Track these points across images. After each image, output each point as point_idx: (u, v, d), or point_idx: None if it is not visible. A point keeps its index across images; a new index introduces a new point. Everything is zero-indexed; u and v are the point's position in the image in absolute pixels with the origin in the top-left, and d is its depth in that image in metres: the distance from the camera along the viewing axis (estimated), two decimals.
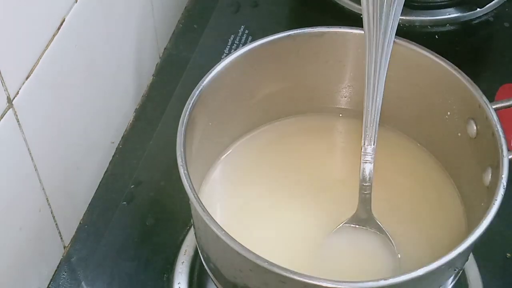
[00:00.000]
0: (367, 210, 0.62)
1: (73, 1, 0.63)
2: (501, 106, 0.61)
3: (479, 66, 0.83)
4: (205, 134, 0.64)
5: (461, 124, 0.63)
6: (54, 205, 0.67)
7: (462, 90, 0.62)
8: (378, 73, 0.61)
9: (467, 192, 0.64)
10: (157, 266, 0.70)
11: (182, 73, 0.86)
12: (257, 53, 0.64)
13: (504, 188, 0.55)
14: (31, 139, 0.60)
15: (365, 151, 0.62)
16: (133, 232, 0.73)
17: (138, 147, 0.80)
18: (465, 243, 0.53)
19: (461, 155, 0.64)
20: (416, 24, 0.89)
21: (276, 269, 0.51)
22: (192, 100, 0.60)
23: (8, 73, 0.55)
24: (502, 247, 0.72)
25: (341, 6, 0.91)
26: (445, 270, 0.56)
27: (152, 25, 0.84)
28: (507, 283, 0.70)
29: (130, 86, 0.81)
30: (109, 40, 0.73)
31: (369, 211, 0.63)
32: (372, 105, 0.62)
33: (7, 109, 0.56)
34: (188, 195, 0.54)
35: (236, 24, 0.91)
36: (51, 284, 0.69)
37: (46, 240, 0.68)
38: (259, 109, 0.68)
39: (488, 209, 0.54)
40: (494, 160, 0.57)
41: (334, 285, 0.51)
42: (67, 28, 0.62)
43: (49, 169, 0.65)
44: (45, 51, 0.60)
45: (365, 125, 0.62)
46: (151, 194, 0.76)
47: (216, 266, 0.59)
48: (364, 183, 0.62)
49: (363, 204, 0.62)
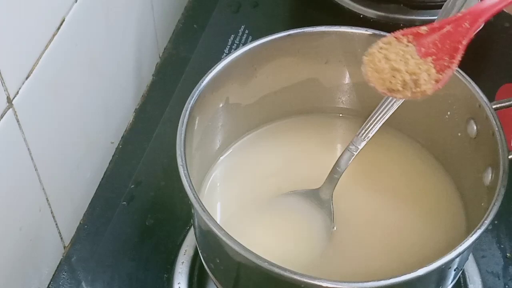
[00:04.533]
0: (329, 191, 0.63)
1: (73, 1, 0.63)
2: (501, 106, 0.61)
3: (479, 66, 0.83)
4: (205, 134, 0.64)
5: (461, 124, 0.63)
6: (54, 205, 0.67)
7: (462, 90, 0.62)
8: None
9: (467, 192, 0.64)
10: (157, 266, 0.70)
11: (182, 73, 0.86)
12: (257, 53, 0.64)
13: (504, 188, 0.55)
14: (31, 139, 0.60)
15: (355, 142, 0.63)
16: (133, 232, 0.73)
17: (138, 147, 0.80)
18: (465, 243, 0.52)
19: (461, 155, 0.64)
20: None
21: (276, 269, 0.51)
22: (192, 100, 0.60)
23: (8, 73, 0.55)
24: (502, 247, 0.72)
25: (341, 6, 0.91)
26: (445, 270, 0.56)
27: (152, 25, 0.84)
28: (507, 283, 0.70)
29: (130, 86, 0.81)
30: (109, 40, 0.73)
31: (331, 194, 0.63)
32: (387, 107, 0.62)
33: (7, 109, 0.56)
34: (188, 195, 0.54)
35: (236, 24, 0.91)
36: (51, 284, 0.69)
37: (46, 240, 0.68)
38: (259, 109, 0.68)
39: (488, 209, 0.54)
40: (494, 160, 0.57)
41: (334, 285, 0.51)
42: (67, 28, 0.62)
43: (49, 169, 0.65)
44: (45, 51, 0.60)
45: (369, 121, 0.63)
46: (151, 194, 0.76)
47: (216, 266, 0.60)
48: (338, 167, 0.63)
49: (329, 184, 0.63)
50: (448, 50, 0.48)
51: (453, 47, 0.48)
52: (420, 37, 0.48)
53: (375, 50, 0.49)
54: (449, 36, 0.48)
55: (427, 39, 0.48)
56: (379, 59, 0.48)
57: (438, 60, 0.48)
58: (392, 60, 0.48)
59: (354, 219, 0.65)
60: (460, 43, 0.48)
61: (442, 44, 0.48)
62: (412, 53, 0.48)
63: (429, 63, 0.48)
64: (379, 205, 0.65)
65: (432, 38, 0.48)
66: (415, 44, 0.48)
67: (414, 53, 0.48)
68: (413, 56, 0.48)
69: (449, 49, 0.48)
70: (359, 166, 0.65)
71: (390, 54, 0.48)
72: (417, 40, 0.48)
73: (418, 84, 0.48)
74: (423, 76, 0.48)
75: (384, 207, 0.65)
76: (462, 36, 0.48)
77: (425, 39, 0.48)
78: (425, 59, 0.48)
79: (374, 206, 0.65)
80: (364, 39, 0.64)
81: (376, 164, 0.68)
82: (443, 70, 0.48)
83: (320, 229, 0.63)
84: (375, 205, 0.65)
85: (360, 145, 0.63)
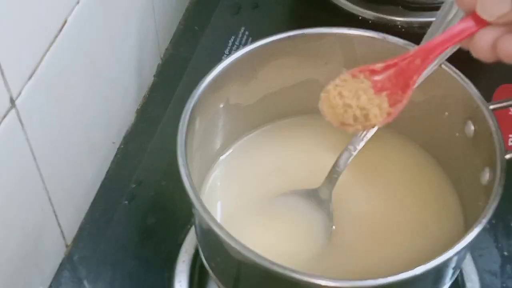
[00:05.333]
0: (329, 191, 0.63)
1: (75, 2, 0.63)
2: (498, 106, 0.61)
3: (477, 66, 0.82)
4: (206, 134, 0.64)
5: (459, 124, 0.63)
6: (56, 205, 0.67)
7: (460, 90, 0.62)
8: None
9: (465, 191, 0.64)
10: (158, 265, 0.70)
11: (183, 73, 0.86)
12: (257, 54, 0.64)
13: (501, 188, 0.55)
14: (34, 139, 0.61)
15: (354, 142, 0.63)
16: (135, 231, 0.73)
17: (139, 147, 0.80)
18: (462, 242, 0.53)
19: (459, 155, 0.64)
20: (415, 25, 0.89)
21: (276, 268, 0.51)
22: (193, 101, 0.60)
23: (11, 74, 0.55)
24: (499, 246, 0.72)
25: (340, 8, 0.91)
26: (443, 269, 0.56)
27: (153, 26, 0.84)
28: (505, 281, 0.70)
29: (131, 87, 0.81)
30: (110, 41, 0.73)
31: (330, 193, 0.63)
32: None
33: (10, 109, 0.56)
34: (189, 195, 0.55)
35: (237, 25, 0.91)
36: (53, 283, 0.69)
37: (48, 239, 0.68)
38: (259, 109, 0.69)
39: (486, 208, 0.54)
40: (491, 160, 0.58)
41: (333, 283, 0.51)
42: (69, 29, 0.62)
43: (51, 169, 0.65)
44: (47, 52, 0.60)
45: None
46: (152, 193, 0.76)
47: (216, 265, 0.60)
48: (337, 167, 0.63)
49: (328, 183, 0.63)
50: (401, 85, 0.50)
51: (405, 82, 0.50)
52: (375, 73, 0.51)
53: (331, 87, 0.51)
54: (402, 72, 0.50)
55: (382, 75, 0.51)
56: (333, 95, 0.51)
57: (392, 94, 0.51)
58: (345, 96, 0.50)
59: (353, 218, 0.65)
60: (411, 78, 0.50)
61: (396, 80, 0.51)
62: (366, 89, 0.51)
63: (383, 97, 0.50)
64: (377, 204, 0.66)
65: (387, 73, 0.51)
66: (371, 80, 0.51)
67: (368, 88, 0.51)
68: (366, 92, 0.51)
69: (402, 85, 0.50)
70: (358, 166, 0.65)
71: (344, 91, 0.51)
72: (373, 75, 0.51)
73: (368, 118, 0.51)
74: (373, 111, 0.50)
75: (383, 206, 0.65)
76: (414, 72, 0.50)
77: (381, 75, 0.51)
78: (380, 94, 0.50)
79: (373, 205, 0.65)
80: (363, 41, 0.65)
81: (375, 164, 0.68)
82: (395, 104, 0.51)
83: (319, 229, 0.63)
84: (374, 204, 0.66)
85: (358, 145, 0.63)
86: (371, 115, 0.50)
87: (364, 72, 0.51)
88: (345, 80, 0.51)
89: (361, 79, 0.51)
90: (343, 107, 0.51)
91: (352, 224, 0.65)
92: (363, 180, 0.68)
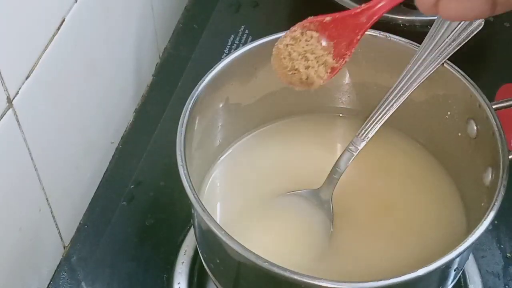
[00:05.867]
0: (329, 191, 0.63)
1: (73, 1, 0.63)
2: (501, 106, 0.61)
3: (479, 66, 0.83)
4: (205, 134, 0.64)
5: (461, 124, 0.63)
6: (54, 205, 0.67)
7: (462, 90, 0.62)
8: (410, 83, 0.62)
9: (467, 192, 0.64)
10: (157, 266, 0.70)
11: (182, 73, 0.86)
12: (257, 53, 0.64)
13: (504, 188, 0.55)
14: (31, 139, 0.60)
15: (355, 143, 0.63)
16: (133, 232, 0.73)
17: (138, 147, 0.80)
18: (465, 243, 0.52)
19: (461, 155, 0.64)
20: (416, 24, 0.89)
21: (276, 269, 0.51)
22: (192, 100, 0.60)
23: (8, 73, 0.55)
24: (502, 247, 0.72)
25: (341, 6, 0.91)
26: (445, 270, 0.56)
27: (152, 25, 0.84)
28: (507, 283, 0.70)
29: (130, 86, 0.81)
30: (109, 40, 0.73)
31: (330, 194, 0.63)
32: (387, 108, 0.62)
33: (7, 109, 0.56)
34: (188, 195, 0.54)
35: (236, 24, 0.91)
36: (51, 284, 0.69)
37: (46, 240, 0.68)
38: (259, 109, 0.68)
39: (488, 209, 0.54)
40: (494, 160, 0.58)
41: (334, 285, 0.51)
42: (67, 28, 0.62)
43: (49, 169, 0.65)
44: (45, 51, 0.60)
45: (369, 121, 0.63)
46: (151, 194, 0.76)
47: (216, 266, 0.60)
48: (338, 168, 0.63)
49: (328, 185, 0.63)
50: (346, 38, 0.53)
51: (350, 39, 0.53)
52: (324, 25, 0.54)
53: (282, 46, 0.54)
54: (347, 26, 0.53)
55: (330, 25, 0.54)
56: (284, 56, 0.54)
57: (338, 44, 0.53)
58: (294, 59, 0.53)
59: (354, 219, 0.65)
60: (356, 36, 0.53)
61: (342, 31, 0.53)
62: (314, 49, 0.53)
63: (330, 47, 0.53)
64: (379, 205, 0.65)
65: (335, 24, 0.54)
66: (319, 30, 0.54)
67: (316, 45, 0.53)
68: (314, 51, 0.53)
69: (347, 39, 0.53)
70: (359, 166, 0.65)
71: (293, 52, 0.53)
72: (322, 26, 0.54)
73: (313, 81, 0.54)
74: (319, 71, 0.53)
75: (384, 207, 0.65)
76: (360, 28, 0.53)
77: (329, 26, 0.54)
78: (327, 44, 0.53)
79: (374, 206, 0.65)
80: (364, 39, 0.64)
81: (376, 165, 0.68)
82: (339, 57, 0.53)
83: (319, 229, 0.63)
84: (375, 205, 0.65)
85: (360, 146, 0.63)
86: (316, 77, 0.53)
87: (314, 22, 0.54)
88: (295, 38, 0.54)
89: (311, 31, 0.53)
90: (291, 70, 0.54)
91: (353, 225, 0.65)
92: (363, 181, 0.67)
